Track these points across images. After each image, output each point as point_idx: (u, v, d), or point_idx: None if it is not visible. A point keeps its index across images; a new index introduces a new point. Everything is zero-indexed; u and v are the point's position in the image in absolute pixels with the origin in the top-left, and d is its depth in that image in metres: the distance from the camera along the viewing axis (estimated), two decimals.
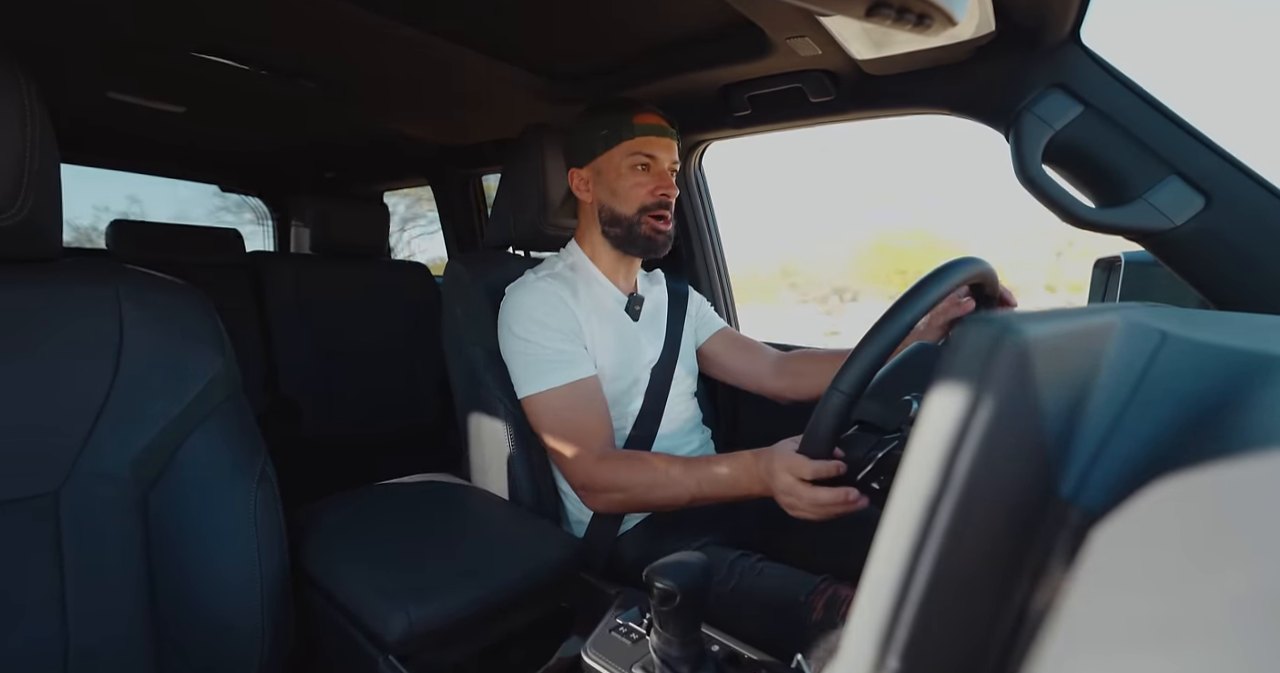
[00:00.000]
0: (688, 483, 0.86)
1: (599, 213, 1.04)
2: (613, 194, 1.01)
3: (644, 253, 1.04)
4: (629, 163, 1.00)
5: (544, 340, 0.95)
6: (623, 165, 1.00)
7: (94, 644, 0.63)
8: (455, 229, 2.12)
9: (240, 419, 0.74)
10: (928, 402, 0.23)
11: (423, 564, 0.78)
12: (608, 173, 1.01)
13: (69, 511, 0.63)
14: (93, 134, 1.79)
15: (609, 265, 1.07)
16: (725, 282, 1.55)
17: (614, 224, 1.02)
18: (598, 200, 1.04)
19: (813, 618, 0.76)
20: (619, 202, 1.01)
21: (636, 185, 1.00)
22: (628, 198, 1.00)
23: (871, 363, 0.63)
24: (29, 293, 0.64)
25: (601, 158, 1.02)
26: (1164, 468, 0.25)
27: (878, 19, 0.58)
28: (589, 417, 0.95)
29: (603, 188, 1.02)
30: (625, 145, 0.99)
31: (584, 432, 0.94)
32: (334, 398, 1.81)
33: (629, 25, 1.02)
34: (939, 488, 0.22)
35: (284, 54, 1.15)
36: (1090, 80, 0.83)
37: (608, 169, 1.01)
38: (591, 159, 1.03)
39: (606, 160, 1.01)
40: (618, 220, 1.02)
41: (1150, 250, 0.84)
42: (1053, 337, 0.25)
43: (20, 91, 0.58)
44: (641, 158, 0.99)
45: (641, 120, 1.00)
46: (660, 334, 1.11)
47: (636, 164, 1.00)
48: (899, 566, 0.23)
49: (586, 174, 1.04)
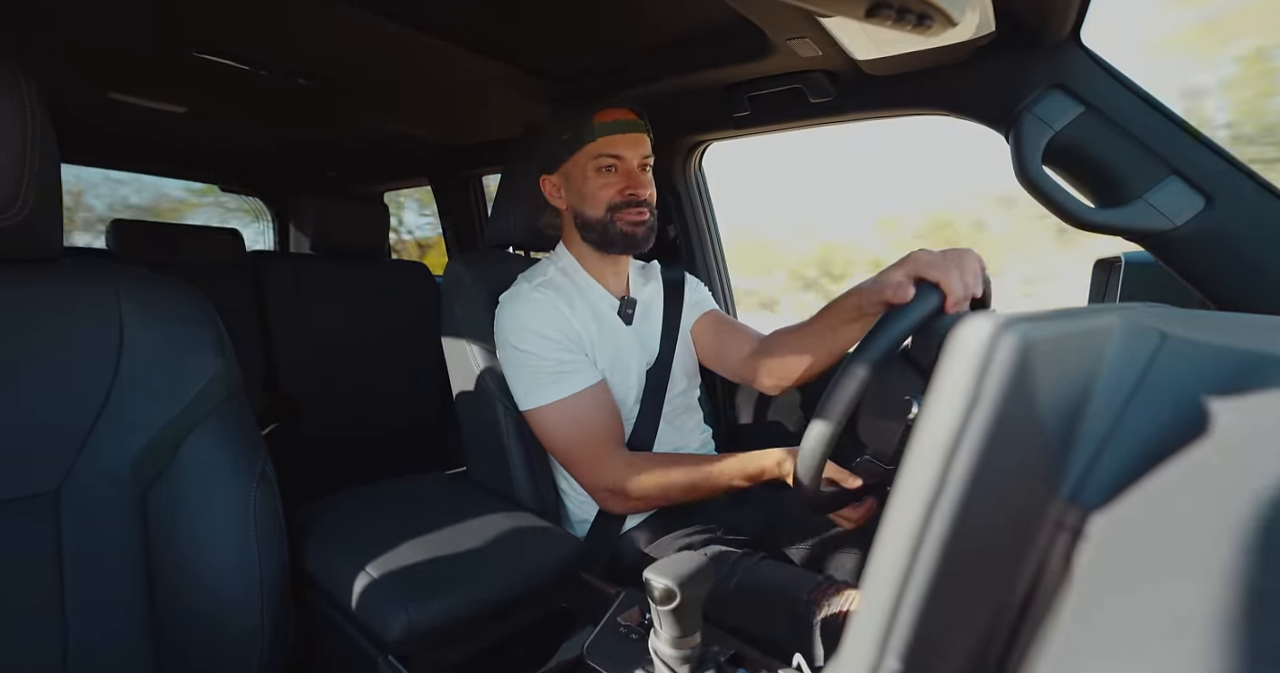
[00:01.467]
0: (722, 478, 0.89)
1: (574, 218, 1.03)
2: (581, 198, 1.00)
3: (626, 249, 1.02)
4: (594, 165, 0.98)
5: (544, 351, 0.94)
6: (588, 168, 0.98)
7: (93, 643, 0.63)
8: (455, 229, 2.12)
9: (240, 419, 0.74)
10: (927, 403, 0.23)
11: (423, 564, 0.78)
12: (575, 177, 1.00)
13: (69, 510, 0.63)
14: (93, 134, 1.79)
15: (596, 268, 1.06)
16: (725, 282, 1.55)
17: (588, 228, 1.01)
18: (570, 205, 1.03)
19: (815, 616, 0.76)
20: (588, 205, 0.99)
21: (603, 186, 0.98)
22: (596, 200, 0.99)
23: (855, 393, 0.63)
24: (29, 292, 0.64)
25: (568, 163, 1.00)
26: (1163, 468, 0.25)
27: (878, 20, 0.58)
28: (603, 423, 0.95)
29: (572, 193, 1.01)
30: (588, 148, 0.98)
31: (603, 437, 0.94)
32: (334, 398, 1.81)
33: (629, 26, 1.02)
34: (938, 488, 0.22)
35: (284, 54, 1.15)
36: (1090, 81, 0.83)
37: (575, 173, 1.00)
38: (558, 165, 1.02)
39: (573, 165, 1.00)
40: (590, 224, 1.00)
41: (1150, 251, 0.84)
42: (1052, 337, 0.25)
43: (21, 91, 0.58)
44: (606, 159, 0.98)
45: (602, 119, 0.97)
46: (655, 335, 1.09)
47: (601, 166, 0.98)
48: (899, 566, 0.23)
49: (557, 180, 1.03)
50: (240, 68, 1.19)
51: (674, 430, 1.09)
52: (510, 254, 1.22)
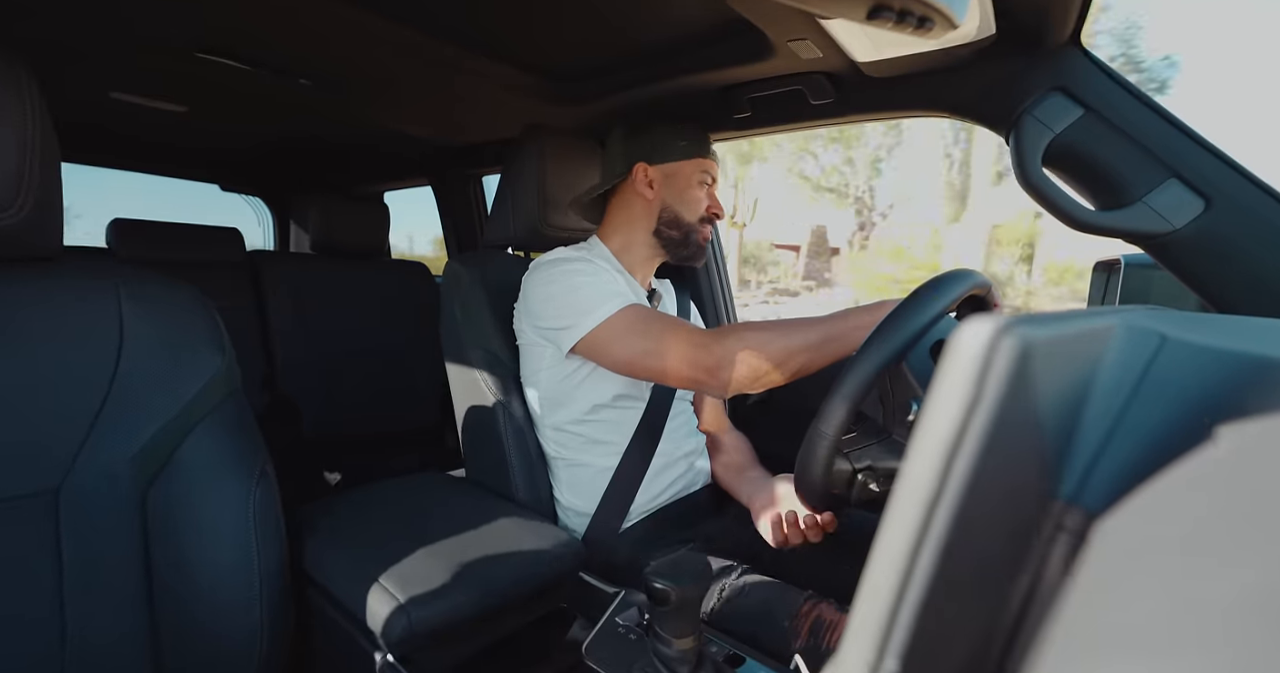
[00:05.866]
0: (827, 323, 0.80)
1: (660, 213, 1.07)
2: (681, 200, 1.07)
3: (689, 258, 1.10)
4: (699, 177, 1.08)
5: (591, 282, 0.94)
6: (694, 178, 1.07)
7: (92, 640, 0.64)
8: (455, 229, 2.12)
9: (240, 418, 0.74)
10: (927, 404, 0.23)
11: (423, 564, 0.78)
12: (680, 180, 1.07)
13: (69, 507, 0.63)
14: (93, 133, 1.79)
15: (634, 263, 1.10)
16: (725, 285, 1.55)
17: (674, 227, 1.07)
18: (662, 200, 1.07)
19: (796, 644, 0.75)
20: (686, 208, 1.07)
21: (700, 199, 1.08)
22: (694, 207, 1.07)
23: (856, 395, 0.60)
24: (30, 291, 0.64)
25: (679, 164, 1.07)
26: (1163, 470, 0.25)
27: (879, 21, 0.58)
28: (670, 320, 0.91)
29: (671, 192, 1.07)
30: (701, 162, 1.07)
31: (682, 324, 0.90)
32: (333, 397, 1.81)
33: (629, 26, 1.02)
34: (938, 490, 0.22)
35: (286, 54, 1.15)
36: (1090, 83, 0.83)
37: (681, 177, 1.07)
38: (667, 161, 1.07)
39: (681, 168, 1.07)
40: (679, 224, 1.07)
41: (1150, 253, 0.85)
42: (1052, 339, 0.25)
43: (22, 90, 0.58)
44: (708, 177, 1.09)
45: (712, 147, 1.10)
46: None
47: (703, 181, 1.08)
48: (898, 567, 0.23)
49: (656, 174, 1.07)
50: (243, 68, 1.19)
51: (678, 426, 1.09)
52: (510, 254, 1.22)
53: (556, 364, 0.99)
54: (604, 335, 0.90)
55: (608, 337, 0.90)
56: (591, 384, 0.99)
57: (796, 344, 0.80)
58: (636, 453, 1.02)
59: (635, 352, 0.89)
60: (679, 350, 0.86)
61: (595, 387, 1.00)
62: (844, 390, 0.60)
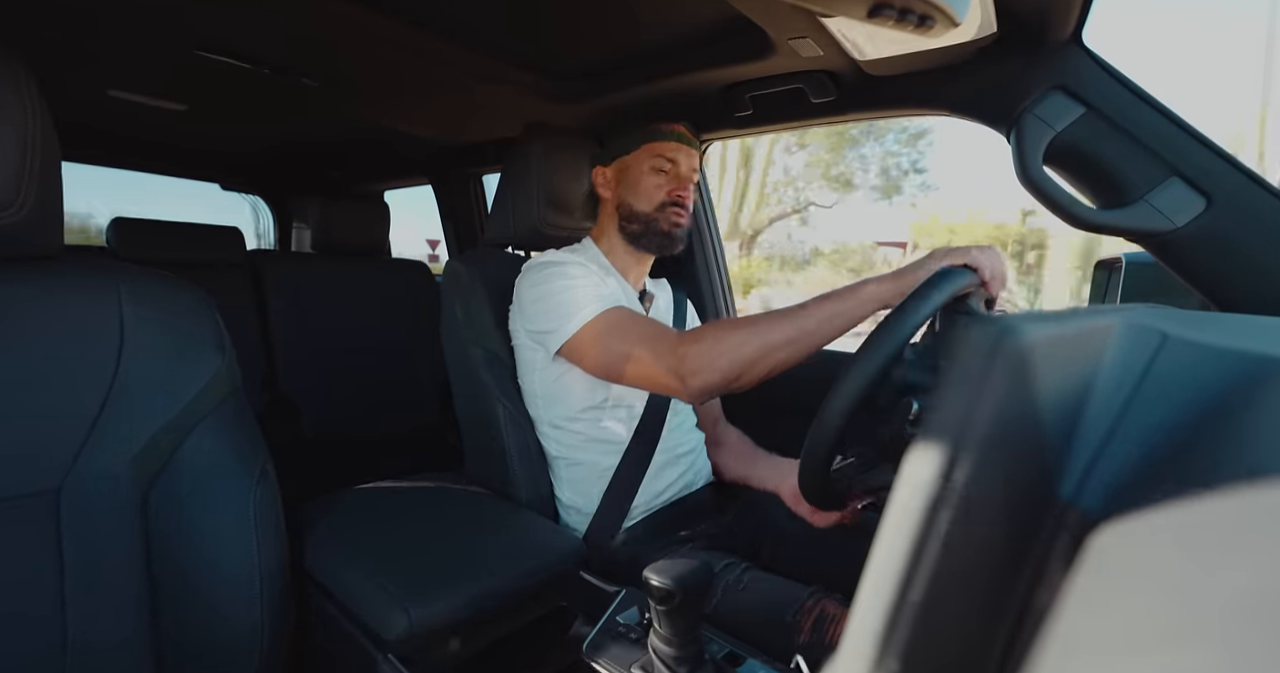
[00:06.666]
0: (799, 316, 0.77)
1: (618, 209, 1.08)
2: (633, 192, 1.06)
3: (659, 248, 1.07)
4: (651, 164, 1.05)
5: (583, 281, 0.94)
6: (646, 166, 1.05)
7: (93, 640, 0.64)
8: (456, 228, 2.12)
9: (240, 418, 0.74)
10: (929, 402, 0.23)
11: (423, 564, 0.78)
12: (631, 171, 1.06)
13: (69, 507, 0.63)
14: (93, 132, 1.79)
15: (622, 263, 1.10)
16: (725, 280, 1.55)
17: (632, 220, 1.06)
18: (618, 197, 1.08)
19: (799, 640, 0.75)
20: (639, 199, 1.05)
21: (656, 186, 1.05)
22: (648, 196, 1.05)
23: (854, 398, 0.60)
24: (30, 291, 0.64)
25: (628, 157, 1.07)
26: (1164, 469, 0.25)
27: (880, 20, 0.58)
28: (648, 324, 0.90)
29: (625, 185, 1.07)
30: (651, 147, 1.05)
31: (663, 330, 0.89)
32: (334, 397, 1.81)
33: (630, 25, 1.02)
34: (939, 489, 0.22)
35: (286, 53, 1.15)
36: (1092, 82, 0.83)
37: (632, 167, 1.06)
38: (616, 158, 1.07)
39: (632, 159, 1.06)
40: (636, 217, 1.06)
41: (1151, 252, 0.84)
42: (1053, 338, 0.25)
43: (21, 88, 0.58)
44: (664, 161, 1.05)
45: (668, 127, 1.06)
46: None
47: (657, 167, 1.05)
48: (898, 566, 0.23)
49: (610, 172, 1.09)
50: (243, 66, 1.19)
51: (677, 424, 1.09)
52: (510, 254, 1.22)
53: (547, 366, 0.99)
54: (584, 339, 0.90)
55: (587, 340, 0.89)
56: (584, 386, 0.99)
57: (776, 340, 0.77)
58: (636, 452, 1.02)
59: (612, 356, 0.87)
60: (650, 356, 0.84)
61: (589, 388, 1.00)
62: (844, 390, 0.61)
